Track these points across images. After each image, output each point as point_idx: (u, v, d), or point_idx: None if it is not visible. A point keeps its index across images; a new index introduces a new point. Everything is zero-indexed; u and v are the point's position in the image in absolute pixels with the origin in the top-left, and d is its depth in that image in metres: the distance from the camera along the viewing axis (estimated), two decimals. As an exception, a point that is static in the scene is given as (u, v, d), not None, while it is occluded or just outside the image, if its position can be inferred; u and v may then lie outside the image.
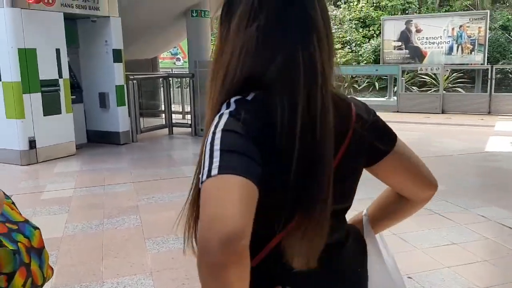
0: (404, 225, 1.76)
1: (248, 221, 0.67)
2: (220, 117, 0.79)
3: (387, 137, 0.97)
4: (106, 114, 7.66)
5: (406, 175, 1.01)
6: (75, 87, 7.36)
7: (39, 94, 6.33)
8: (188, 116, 10.95)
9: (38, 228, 1.36)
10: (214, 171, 0.70)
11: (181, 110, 10.82)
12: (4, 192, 1.21)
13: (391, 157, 0.96)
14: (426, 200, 1.07)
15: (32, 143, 6.27)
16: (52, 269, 1.41)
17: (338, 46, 18.48)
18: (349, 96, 0.95)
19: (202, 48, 8.96)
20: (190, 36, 9.05)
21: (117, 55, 7.47)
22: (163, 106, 9.40)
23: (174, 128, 8.97)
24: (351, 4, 19.74)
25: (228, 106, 0.81)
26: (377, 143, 0.94)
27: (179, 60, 20.29)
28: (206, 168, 0.71)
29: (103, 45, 7.44)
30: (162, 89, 9.50)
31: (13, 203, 1.38)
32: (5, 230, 1.27)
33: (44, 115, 6.40)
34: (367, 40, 18.33)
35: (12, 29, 5.96)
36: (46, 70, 6.38)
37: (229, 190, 0.68)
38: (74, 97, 7.00)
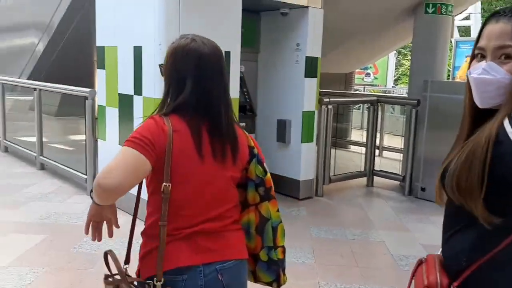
0: None
1: None
2: None
3: None
4: (284, 152, 5.23)
5: None
6: (247, 110, 5.10)
7: (193, 119, 4.13)
8: (387, 156, 8.07)
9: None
10: None
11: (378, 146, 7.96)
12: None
13: None
14: None
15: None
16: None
17: None
18: None
19: (434, 61, 5.88)
20: (418, 42, 6.02)
21: (311, 67, 4.96)
22: (364, 139, 6.62)
23: (375, 177, 6.10)
24: None
25: None
26: None
27: (369, 76, 17.34)
28: None
29: (292, 50, 5.01)
30: (361, 116, 6.70)
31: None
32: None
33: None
34: None
35: (163, 19, 3.86)
36: (207, 84, 4.16)
37: None
38: (243, 124, 4.65)
